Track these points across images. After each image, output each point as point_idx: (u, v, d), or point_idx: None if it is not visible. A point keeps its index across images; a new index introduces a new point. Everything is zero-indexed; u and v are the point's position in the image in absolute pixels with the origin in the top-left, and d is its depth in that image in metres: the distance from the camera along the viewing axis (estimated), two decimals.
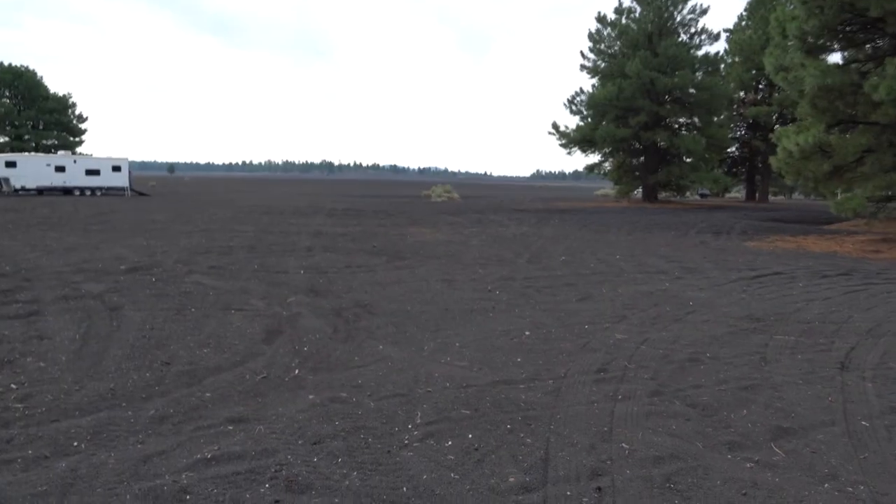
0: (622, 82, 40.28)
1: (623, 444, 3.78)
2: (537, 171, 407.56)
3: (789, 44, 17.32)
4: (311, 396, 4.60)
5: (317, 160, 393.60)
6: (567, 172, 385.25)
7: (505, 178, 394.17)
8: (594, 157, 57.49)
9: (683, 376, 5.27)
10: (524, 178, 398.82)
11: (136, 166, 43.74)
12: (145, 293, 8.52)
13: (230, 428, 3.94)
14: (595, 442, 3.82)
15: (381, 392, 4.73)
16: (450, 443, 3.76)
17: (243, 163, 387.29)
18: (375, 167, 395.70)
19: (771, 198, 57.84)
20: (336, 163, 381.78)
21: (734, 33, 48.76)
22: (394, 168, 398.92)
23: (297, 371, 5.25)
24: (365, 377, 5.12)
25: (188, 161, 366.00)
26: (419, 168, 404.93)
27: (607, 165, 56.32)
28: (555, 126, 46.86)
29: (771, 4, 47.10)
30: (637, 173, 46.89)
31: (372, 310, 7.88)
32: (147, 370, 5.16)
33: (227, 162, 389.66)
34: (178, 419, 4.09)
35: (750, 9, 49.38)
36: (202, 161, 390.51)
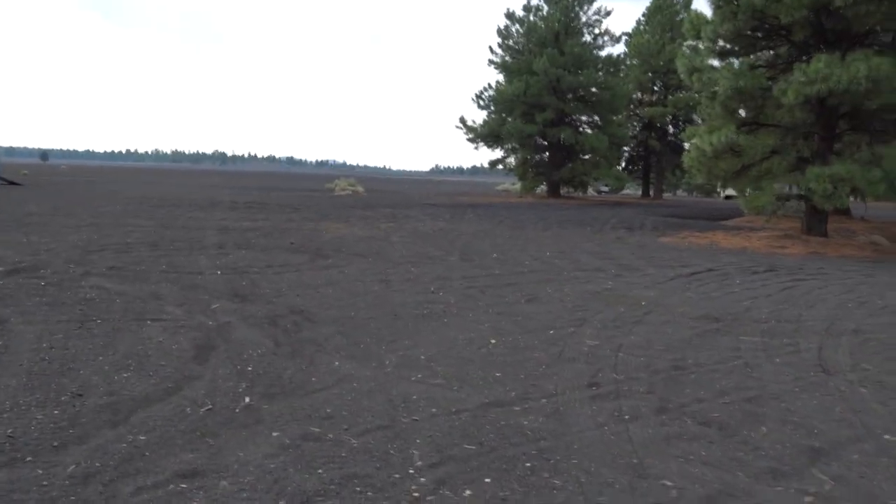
0: (529, 79, 40.72)
1: (665, 482, 3.28)
2: (436, 165, 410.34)
3: (702, 46, 17.81)
4: (275, 434, 3.78)
5: (209, 150, 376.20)
6: (465, 167, 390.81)
7: (404, 171, 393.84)
8: (499, 153, 58.33)
9: (679, 388, 4.88)
10: (423, 172, 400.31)
11: (2, 152, 39.43)
12: (35, 301, 7.21)
13: (183, 486, 3.08)
14: (632, 479, 3.29)
15: (359, 424, 3.99)
16: (468, 492, 3.10)
17: (128, 151, 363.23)
18: (271, 159, 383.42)
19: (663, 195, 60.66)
20: (230, 153, 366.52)
21: (633, 37, 50.66)
22: (290, 160, 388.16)
23: (247, 399, 4.39)
24: (332, 404, 4.35)
25: (64, 148, 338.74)
26: (317, 161, 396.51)
27: (511, 161, 57.17)
28: (462, 121, 46.82)
29: (668, 11, 49.57)
30: (541, 169, 47.66)
31: (311, 317, 7.04)
32: (54, 405, 4.13)
33: (109, 150, 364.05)
34: (108, 476, 3.17)
35: (648, 14, 51.52)
36: (80, 148, 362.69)
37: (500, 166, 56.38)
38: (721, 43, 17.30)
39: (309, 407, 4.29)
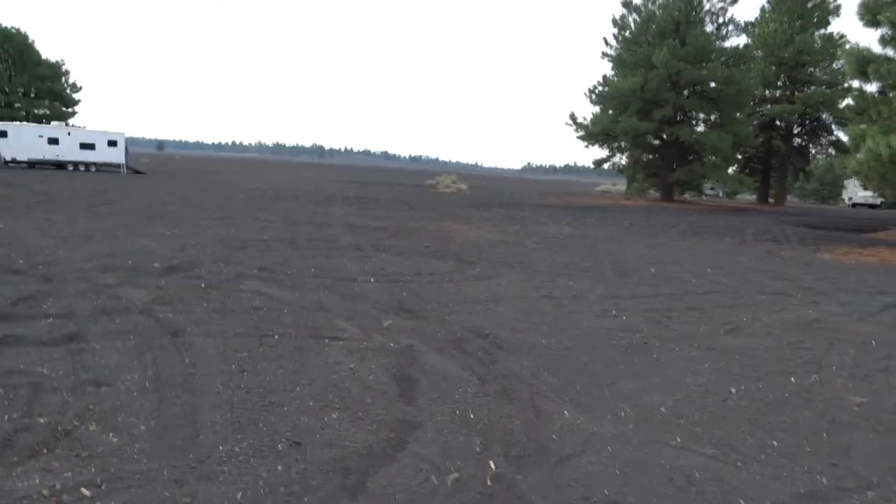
0: (647, 73, 38.63)
1: None
2: (528, 163, 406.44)
3: (883, 33, 15.70)
4: None
5: (307, 143, 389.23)
6: (558, 165, 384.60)
7: (495, 169, 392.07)
8: (604, 152, 56.16)
9: None
10: (515, 170, 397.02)
11: (127, 143, 41.47)
12: (203, 307, 6.77)
13: None
14: None
15: None
16: None
17: (233, 143, 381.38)
18: (366, 153, 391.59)
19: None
20: (327, 147, 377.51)
21: (757, 26, 47.09)
22: (385, 155, 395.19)
23: (492, 464, 3.57)
24: (600, 479, 3.46)
25: (177, 139, 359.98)
26: (410, 156, 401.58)
27: (620, 160, 54.87)
28: (572, 117, 45.26)
29: None
30: (653, 170, 45.30)
31: (499, 342, 6.20)
32: (274, 458, 3.47)
33: (216, 141, 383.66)
34: None
35: (775, 1, 47.68)
36: (191, 139, 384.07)
37: (607, 166, 54.36)
38: None
39: (574, 482, 3.41)
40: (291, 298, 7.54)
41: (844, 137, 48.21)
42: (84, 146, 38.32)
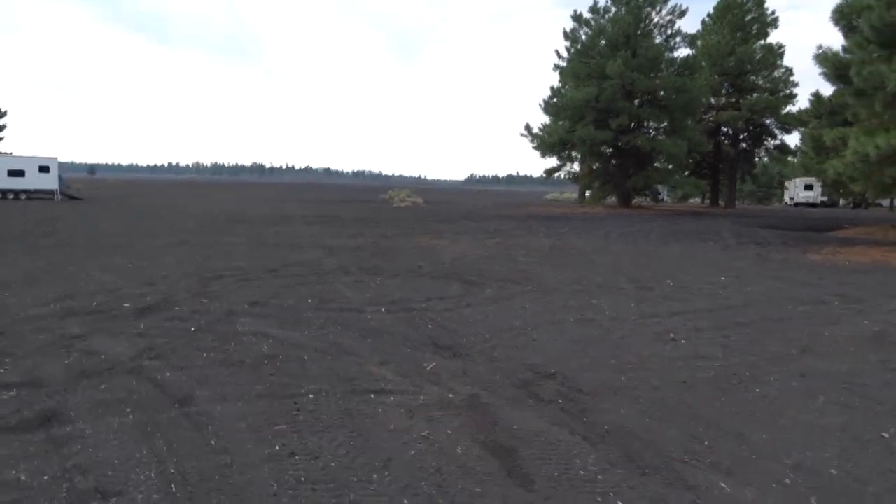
0: (601, 83, 38.65)
1: None
2: (471, 174, 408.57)
3: (862, 37, 15.58)
4: None
5: (247, 162, 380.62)
6: (501, 176, 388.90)
7: (439, 181, 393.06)
8: (553, 161, 56.18)
9: None
10: (459, 181, 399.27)
11: (61, 168, 38.85)
12: (203, 359, 5.52)
13: None
14: None
15: None
16: None
17: (169, 164, 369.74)
18: (308, 170, 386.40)
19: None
20: (267, 165, 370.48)
21: (700, 39, 48.05)
22: (327, 171, 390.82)
23: None
24: None
25: (109, 162, 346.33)
26: (353, 171, 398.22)
27: (573, 169, 54.98)
28: (527, 128, 44.94)
29: (738, 11, 46.99)
30: (609, 178, 45.35)
31: (573, 383, 5.19)
32: None
33: (151, 163, 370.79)
34: None
35: (716, 14, 48.96)
36: (124, 162, 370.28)
37: (562, 174, 54.36)
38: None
39: None
40: (303, 340, 6.34)
41: (795, 140, 49.79)
42: (13, 173, 35.61)
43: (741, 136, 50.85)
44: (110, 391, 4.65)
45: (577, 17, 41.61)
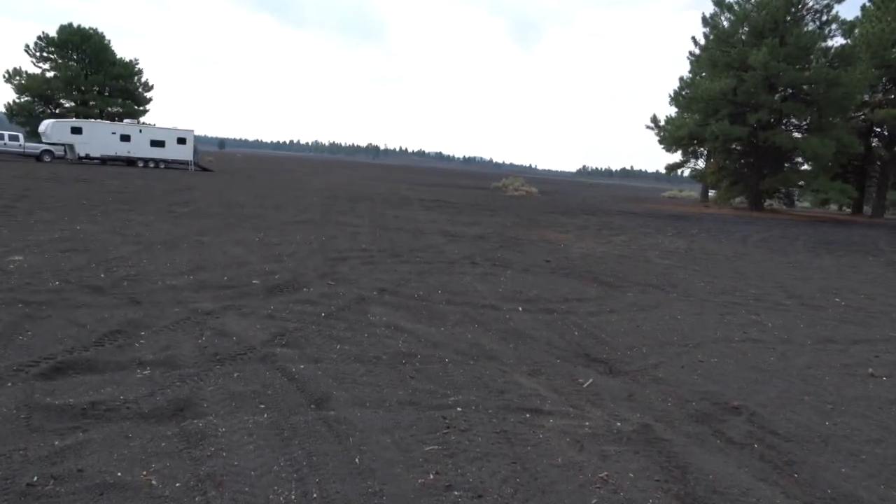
0: (742, 74, 35.77)
1: None
2: (583, 166, 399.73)
3: None
4: None
5: (362, 143, 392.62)
6: (614, 169, 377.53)
7: (550, 171, 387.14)
8: (677, 157, 53.11)
9: None
10: (570, 172, 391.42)
11: (196, 140, 41.01)
12: (337, 351, 5.08)
13: None
14: None
15: None
16: None
17: (290, 142, 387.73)
18: (421, 153, 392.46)
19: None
20: (382, 147, 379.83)
21: (860, 25, 43.31)
22: (439, 155, 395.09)
23: None
24: None
25: (236, 137, 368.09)
26: (464, 157, 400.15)
27: (698, 166, 51.81)
28: (654, 120, 42.76)
29: None
30: (739, 177, 42.16)
31: (766, 424, 4.29)
32: None
33: (274, 140, 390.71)
34: None
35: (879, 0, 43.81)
36: (250, 138, 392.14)
37: (685, 171, 51.47)
38: None
39: None
40: (440, 337, 5.78)
41: None
42: (154, 143, 37.96)
43: None
44: (244, 381, 4.27)
45: (718, 2, 38.69)
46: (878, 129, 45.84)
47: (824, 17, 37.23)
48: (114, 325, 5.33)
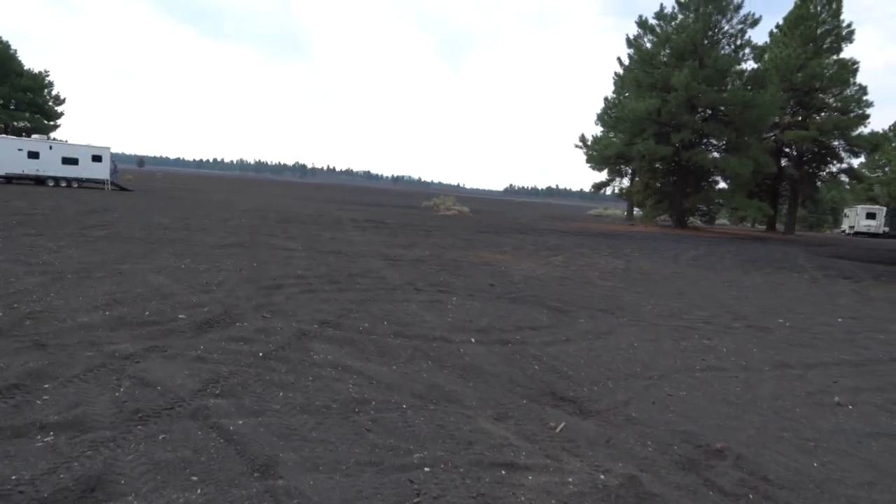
0: (665, 95, 37.06)
1: None
2: (510, 185, 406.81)
3: None
4: None
5: (289, 161, 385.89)
6: (540, 188, 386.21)
7: (478, 190, 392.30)
8: (604, 175, 54.55)
9: None
10: (497, 191, 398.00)
11: (113, 158, 38.85)
12: (280, 400, 4.50)
13: None
14: None
15: None
16: None
17: (214, 160, 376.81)
18: (349, 172, 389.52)
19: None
20: (309, 165, 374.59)
21: (769, 50, 45.89)
22: (367, 174, 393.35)
23: None
24: None
25: (157, 155, 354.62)
26: (393, 176, 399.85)
27: (623, 185, 53.32)
28: (582, 139, 43.80)
29: (811, 22, 44.67)
30: (664, 195, 43.57)
31: (755, 469, 4.02)
32: None
33: (197, 158, 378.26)
34: None
35: (787, 25, 46.59)
36: (171, 156, 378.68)
37: (610, 190, 52.82)
38: None
39: None
40: (393, 378, 5.27)
41: (858, 164, 47.31)
42: (66, 161, 35.67)
43: (804, 158, 48.45)
44: (171, 445, 3.63)
45: (642, 24, 40.09)
46: (787, 150, 48.54)
47: (738, 42, 39.12)
48: (11, 377, 4.54)
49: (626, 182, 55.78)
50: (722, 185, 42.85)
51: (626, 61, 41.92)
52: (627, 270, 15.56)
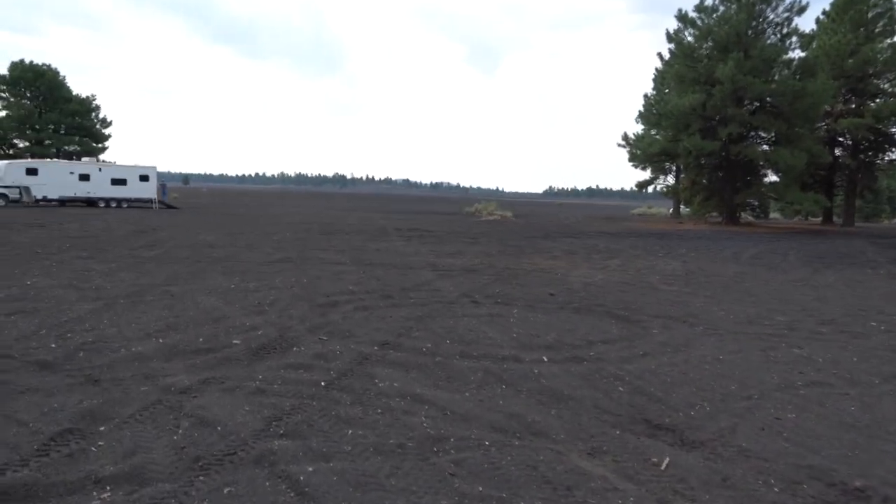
0: (709, 88, 35.85)
1: None
2: (549, 187, 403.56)
3: None
4: None
5: (329, 173, 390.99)
6: (580, 189, 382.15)
7: (518, 193, 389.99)
8: (647, 173, 53.27)
9: None
10: (537, 194, 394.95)
11: (160, 178, 39.54)
12: (350, 440, 4.08)
13: None
14: None
15: None
16: None
17: (256, 175, 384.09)
18: (388, 181, 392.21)
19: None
20: (349, 176, 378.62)
21: (817, 38, 44.04)
22: (406, 182, 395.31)
23: None
24: None
25: (201, 172, 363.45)
26: (431, 183, 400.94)
27: (667, 182, 51.97)
28: (625, 138, 42.70)
29: (861, 5, 42.73)
30: (712, 192, 42.15)
31: None
32: None
33: (240, 174, 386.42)
34: None
35: (835, 10, 44.66)
36: (215, 172, 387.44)
37: (655, 188, 51.52)
38: None
39: None
40: (469, 408, 4.80)
41: None
42: (115, 182, 36.45)
43: (861, 147, 46.34)
44: (238, 501, 3.22)
45: (681, 17, 38.93)
46: (841, 139, 46.52)
47: (784, 30, 37.63)
48: (65, 419, 4.24)
49: (670, 179, 54.51)
50: (773, 178, 41.29)
51: (667, 56, 40.70)
52: (689, 272, 14.81)
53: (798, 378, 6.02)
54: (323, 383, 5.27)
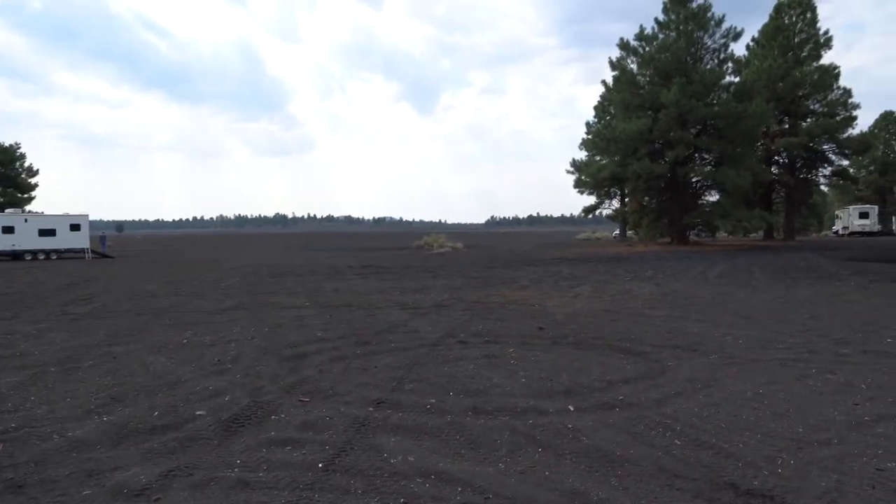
0: (654, 114, 36.42)
1: None
2: (492, 216, 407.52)
3: None
4: None
5: (269, 213, 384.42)
6: (521, 217, 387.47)
7: (460, 224, 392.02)
8: (592, 199, 53.85)
9: None
10: (479, 224, 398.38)
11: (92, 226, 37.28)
12: None
13: None
14: None
15: None
16: None
17: (194, 218, 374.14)
18: (329, 219, 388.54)
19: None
20: (290, 215, 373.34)
21: (751, 62, 45.81)
22: (349, 219, 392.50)
23: None
24: None
25: (136, 218, 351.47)
26: (374, 218, 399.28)
27: (613, 205, 52.54)
28: (574, 164, 42.87)
29: (787, 32, 44.69)
30: (660, 213, 42.67)
31: None
32: None
33: (177, 218, 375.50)
34: None
35: (765, 37, 46.66)
36: (150, 218, 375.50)
37: (606, 212, 52.03)
38: None
39: None
40: (509, 484, 3.84)
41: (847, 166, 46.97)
42: (43, 233, 34.03)
43: (797, 164, 48.05)
44: None
45: (623, 46, 39.71)
46: (778, 158, 48.16)
47: (721, 55, 38.77)
48: None
49: (615, 203, 55.15)
50: (716, 197, 42.13)
51: (611, 83, 41.35)
52: (665, 294, 14.29)
53: (860, 411, 5.29)
54: (320, 464, 4.20)
